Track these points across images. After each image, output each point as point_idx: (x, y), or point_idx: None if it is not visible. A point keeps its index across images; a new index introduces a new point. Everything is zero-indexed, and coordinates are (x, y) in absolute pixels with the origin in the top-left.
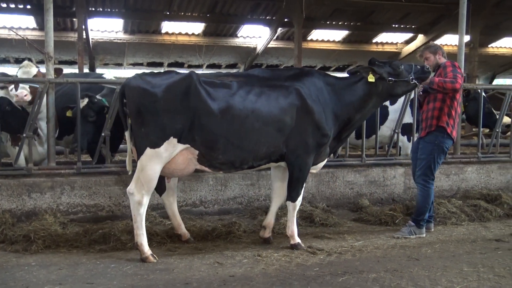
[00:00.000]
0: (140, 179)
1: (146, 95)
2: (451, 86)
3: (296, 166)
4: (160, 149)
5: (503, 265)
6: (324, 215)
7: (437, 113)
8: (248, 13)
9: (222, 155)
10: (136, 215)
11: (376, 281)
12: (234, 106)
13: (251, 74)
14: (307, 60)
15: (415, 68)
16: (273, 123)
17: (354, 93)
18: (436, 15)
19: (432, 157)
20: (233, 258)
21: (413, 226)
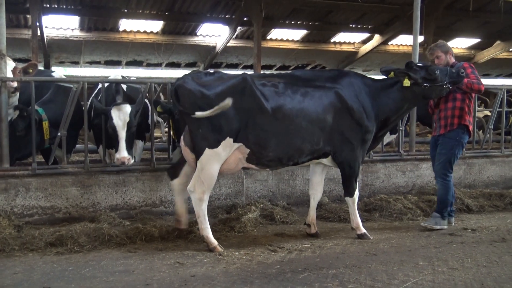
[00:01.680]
0: (200, 178)
1: (203, 97)
2: (478, 87)
3: (345, 163)
4: (218, 149)
5: (456, 258)
6: (284, 213)
7: (459, 112)
8: (208, 12)
9: (273, 152)
10: (199, 210)
11: (335, 277)
12: (285, 106)
13: (294, 75)
14: (267, 59)
15: (450, 72)
16: (317, 122)
17: (389, 95)
18: (391, 15)
19: (452, 152)
20: (194, 258)
21: (438, 217)
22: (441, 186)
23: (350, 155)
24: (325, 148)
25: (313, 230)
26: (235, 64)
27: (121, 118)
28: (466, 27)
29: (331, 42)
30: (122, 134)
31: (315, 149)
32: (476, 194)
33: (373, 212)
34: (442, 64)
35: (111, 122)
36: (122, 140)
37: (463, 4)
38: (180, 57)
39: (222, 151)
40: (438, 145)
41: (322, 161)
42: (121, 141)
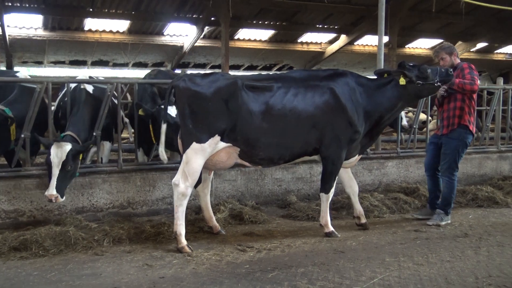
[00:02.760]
0: (185, 171)
1: (196, 96)
2: (470, 87)
3: (330, 160)
4: (205, 145)
5: (421, 254)
6: (253, 212)
7: (459, 112)
8: (175, 11)
9: (263, 152)
10: (178, 205)
11: (304, 275)
12: (274, 108)
13: (290, 76)
14: (235, 59)
15: (440, 71)
16: (308, 120)
17: (385, 94)
18: (357, 16)
19: (456, 152)
20: (163, 259)
21: (442, 214)
22: (446, 184)
23: (336, 152)
24: (317, 145)
25: (363, 220)
26: (203, 64)
27: (58, 155)
28: (429, 27)
29: (298, 42)
30: (55, 171)
31: (307, 147)
32: None
33: (340, 210)
34: (447, 66)
35: (47, 157)
36: (54, 177)
37: (426, 5)
38: (147, 57)
39: (208, 146)
40: (443, 145)
41: (315, 158)
42: (53, 178)
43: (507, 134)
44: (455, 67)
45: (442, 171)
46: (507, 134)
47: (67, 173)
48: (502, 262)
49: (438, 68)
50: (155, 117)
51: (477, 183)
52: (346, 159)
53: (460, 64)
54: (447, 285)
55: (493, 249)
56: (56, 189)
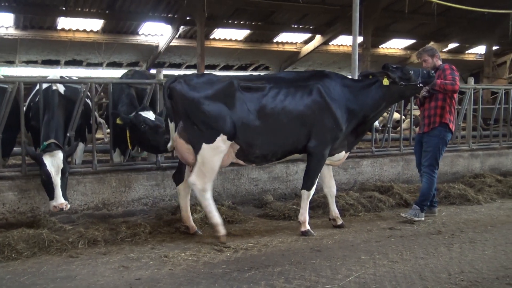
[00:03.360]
0: (202, 170)
1: (195, 100)
2: (451, 87)
3: (315, 157)
4: (216, 144)
5: (396, 251)
6: (230, 212)
7: (440, 111)
8: (149, 11)
9: (259, 150)
10: (203, 200)
11: (281, 274)
12: (268, 107)
13: (279, 76)
14: (210, 58)
15: (422, 73)
16: (299, 119)
17: (369, 94)
18: (332, 16)
19: (437, 149)
20: (139, 261)
21: (418, 210)
22: (426, 181)
23: (321, 150)
24: (305, 142)
25: (339, 222)
26: (179, 64)
27: (54, 165)
28: (402, 28)
29: (274, 42)
30: (57, 180)
31: (297, 145)
32: (413, 189)
33: (316, 209)
34: (429, 67)
35: (44, 169)
36: (57, 186)
37: (399, 6)
38: (121, 56)
39: (222, 144)
40: (424, 143)
41: (299, 156)
42: (57, 188)
43: (478, 133)
44: (437, 68)
45: (423, 167)
46: (478, 133)
47: (65, 179)
48: (474, 258)
49: (420, 70)
50: (134, 124)
51: (450, 181)
52: (329, 155)
53: (441, 66)
54: (421, 282)
55: (465, 245)
56: (63, 197)
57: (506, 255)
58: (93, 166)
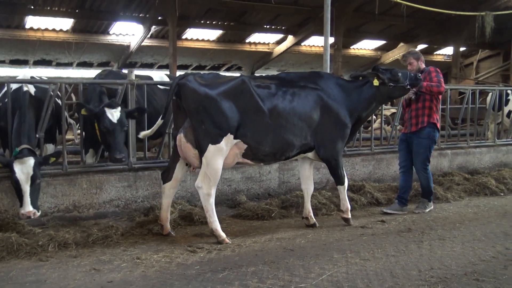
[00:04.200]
0: (207, 173)
1: (208, 97)
2: (437, 89)
3: (329, 157)
4: (221, 145)
5: (368, 250)
6: (203, 213)
7: (428, 111)
8: (120, 10)
9: (269, 147)
10: (207, 205)
11: (255, 274)
12: (278, 105)
13: (280, 77)
14: (183, 58)
15: (409, 76)
16: (306, 119)
17: (360, 95)
18: (303, 17)
19: (428, 149)
20: (111, 263)
21: (426, 201)
22: (423, 177)
23: (333, 149)
24: (311, 143)
25: (312, 221)
26: (151, 64)
27: (24, 172)
28: (373, 29)
29: (246, 43)
30: (25, 188)
31: (304, 144)
32: (384, 187)
33: (289, 208)
34: (414, 70)
35: (13, 176)
36: (26, 194)
37: (370, 7)
38: (92, 56)
39: (224, 146)
40: (414, 145)
41: (308, 155)
42: (25, 195)
43: (446, 132)
44: (421, 71)
45: (417, 168)
46: (446, 132)
47: (36, 186)
48: (443, 255)
49: (408, 73)
50: (99, 116)
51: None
52: None
53: (426, 68)
54: (392, 279)
55: (434, 242)
56: (32, 204)
57: (473, 251)
58: (63, 168)
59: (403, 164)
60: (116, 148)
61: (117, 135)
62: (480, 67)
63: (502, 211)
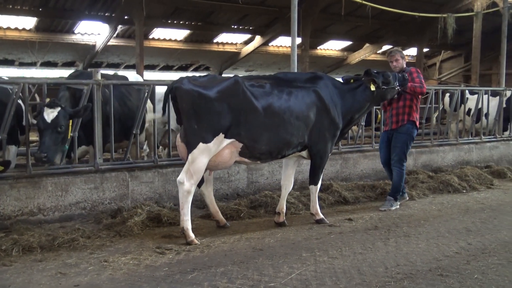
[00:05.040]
0: (190, 170)
1: (201, 97)
2: (420, 90)
3: (318, 155)
4: (210, 144)
5: (336, 248)
6: (171, 214)
7: (408, 109)
8: (86, 9)
9: (265, 146)
10: (184, 202)
11: (224, 275)
12: (274, 104)
13: (277, 77)
14: (150, 58)
15: (398, 77)
16: (302, 118)
17: (355, 96)
18: (271, 17)
19: (405, 144)
20: (78, 267)
21: (392, 200)
22: (396, 174)
23: (323, 148)
24: (306, 141)
25: (281, 219)
26: (117, 64)
27: None
28: (339, 30)
29: (214, 43)
30: None
31: (300, 142)
32: (351, 186)
33: (258, 208)
34: (399, 67)
35: None
36: None
37: (336, 8)
38: (56, 56)
39: (213, 145)
40: (393, 139)
41: (302, 154)
42: None
43: None
44: (403, 70)
45: (393, 162)
46: None
47: None
48: (408, 252)
49: (396, 74)
50: (37, 115)
51: (385, 178)
52: None
53: (407, 69)
54: (359, 276)
55: (400, 239)
56: None
57: (438, 247)
58: (27, 170)
59: (384, 163)
60: (41, 147)
61: (47, 135)
62: (443, 68)
63: (464, 208)
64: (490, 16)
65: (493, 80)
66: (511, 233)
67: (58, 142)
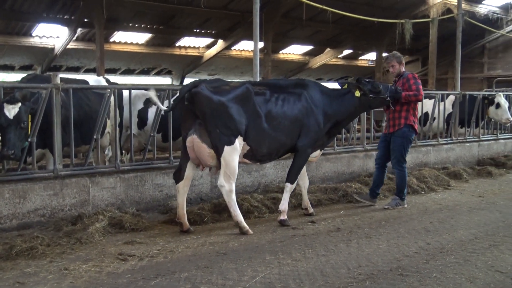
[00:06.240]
0: (226, 172)
1: (220, 103)
2: (415, 98)
3: (302, 155)
4: (235, 144)
5: (299, 250)
6: (134, 219)
7: (405, 114)
8: (44, 11)
9: (266, 148)
10: (230, 201)
11: (188, 280)
12: (273, 109)
13: (270, 83)
14: (110, 62)
15: (390, 89)
16: (294, 122)
17: (342, 102)
18: (233, 22)
19: (402, 147)
20: (37, 276)
21: (398, 199)
22: (398, 175)
23: (308, 149)
24: (297, 143)
25: (310, 210)
26: (77, 67)
27: None
28: (300, 34)
29: (176, 46)
30: None
31: (293, 144)
32: (314, 189)
33: (222, 212)
34: (396, 73)
35: None
36: None
37: (298, 13)
38: (13, 59)
39: (239, 145)
40: (391, 143)
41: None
42: None
43: (371, 134)
44: (401, 75)
45: (392, 164)
46: (371, 134)
47: None
48: (370, 253)
49: (389, 85)
50: None
51: (347, 180)
52: None
53: (405, 74)
54: (323, 278)
55: (362, 241)
56: None
57: (398, 247)
58: None
59: (378, 161)
60: (6, 144)
61: (10, 131)
62: None
63: (423, 208)
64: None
65: (449, 84)
66: (467, 232)
67: (22, 138)
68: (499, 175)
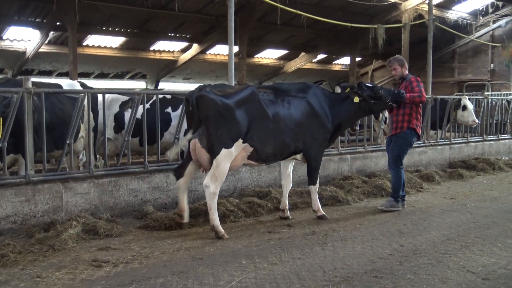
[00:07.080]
0: (215, 174)
1: (224, 106)
2: (419, 100)
3: (312, 158)
4: (232, 149)
5: (275, 254)
6: (108, 225)
7: (407, 117)
8: (15, 14)
9: (271, 149)
10: (211, 203)
11: (163, 286)
12: (279, 111)
13: (273, 87)
14: (84, 66)
15: (392, 93)
16: (299, 124)
17: (342, 106)
18: (208, 26)
19: (401, 149)
20: (8, 284)
21: (392, 201)
22: (393, 176)
23: (317, 151)
24: (302, 145)
25: (287, 214)
26: (49, 71)
27: None
28: (275, 39)
29: (150, 50)
30: None
31: (297, 146)
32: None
33: (198, 217)
34: (398, 76)
35: None
36: None
37: (272, 18)
38: None
39: (234, 150)
40: (391, 143)
41: (297, 157)
42: None
43: (346, 138)
44: (403, 78)
45: (389, 164)
46: (346, 138)
47: None
48: (345, 255)
49: (392, 90)
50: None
51: (322, 183)
52: None
53: (408, 77)
54: (299, 281)
55: (337, 243)
56: None
57: (372, 250)
58: None
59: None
60: None
61: None
62: (375, 76)
63: (396, 211)
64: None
65: None
66: (439, 233)
67: None
68: (469, 177)
